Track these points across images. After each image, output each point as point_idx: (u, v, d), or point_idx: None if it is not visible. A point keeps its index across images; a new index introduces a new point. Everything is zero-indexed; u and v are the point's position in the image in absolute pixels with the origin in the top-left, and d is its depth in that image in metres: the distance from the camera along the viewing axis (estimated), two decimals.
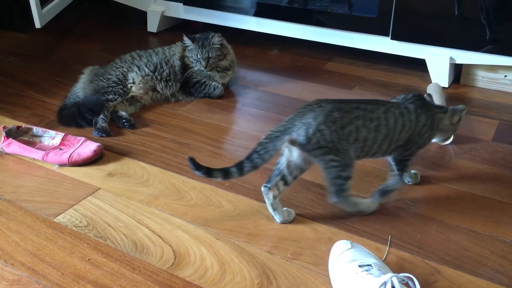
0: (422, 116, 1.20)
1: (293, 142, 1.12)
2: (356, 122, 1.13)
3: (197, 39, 1.85)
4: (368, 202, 1.24)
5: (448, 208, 1.25)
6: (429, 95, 1.31)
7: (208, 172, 1.13)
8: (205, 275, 1.05)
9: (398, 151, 1.22)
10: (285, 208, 1.22)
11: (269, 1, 2.23)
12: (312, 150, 1.11)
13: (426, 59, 1.95)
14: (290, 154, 1.15)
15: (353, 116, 1.13)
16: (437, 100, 1.66)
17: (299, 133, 1.10)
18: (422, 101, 1.23)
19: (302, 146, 1.11)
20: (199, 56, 1.84)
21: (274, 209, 1.20)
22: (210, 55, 1.84)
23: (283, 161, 1.17)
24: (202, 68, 1.85)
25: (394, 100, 1.25)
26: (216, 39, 1.85)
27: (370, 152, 1.18)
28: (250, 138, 1.60)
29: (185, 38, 1.85)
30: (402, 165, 1.25)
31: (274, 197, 1.18)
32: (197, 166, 1.12)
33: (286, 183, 1.18)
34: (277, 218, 1.21)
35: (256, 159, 1.11)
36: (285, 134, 1.11)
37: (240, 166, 1.12)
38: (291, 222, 1.21)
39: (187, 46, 1.86)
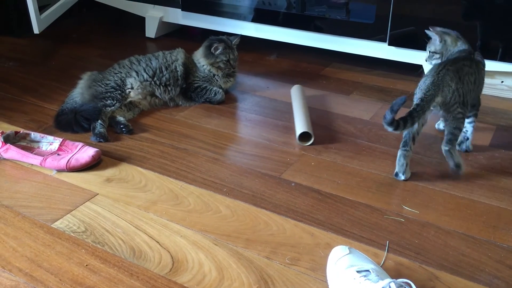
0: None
1: (438, 102, 1.31)
2: (467, 78, 1.35)
3: (225, 40, 1.88)
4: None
5: (445, 213, 1.26)
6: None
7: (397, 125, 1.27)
8: (203, 281, 1.05)
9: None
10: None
11: (267, 7, 2.25)
12: (451, 106, 1.32)
13: (423, 64, 1.96)
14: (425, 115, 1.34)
15: (464, 72, 1.35)
16: (298, 103, 1.74)
17: (444, 94, 1.31)
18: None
19: (445, 104, 1.32)
20: (231, 57, 1.87)
21: (404, 169, 1.39)
22: (236, 55, 1.91)
23: (415, 126, 1.34)
24: (232, 70, 1.91)
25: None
26: (236, 40, 1.91)
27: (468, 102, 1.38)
28: (248, 143, 1.60)
29: (216, 45, 1.84)
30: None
31: (410, 156, 1.38)
32: (392, 117, 1.25)
33: (414, 141, 1.39)
34: (404, 177, 1.39)
35: (415, 117, 1.28)
36: (435, 96, 1.30)
37: (405, 120, 1.27)
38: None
39: (218, 48, 1.85)
